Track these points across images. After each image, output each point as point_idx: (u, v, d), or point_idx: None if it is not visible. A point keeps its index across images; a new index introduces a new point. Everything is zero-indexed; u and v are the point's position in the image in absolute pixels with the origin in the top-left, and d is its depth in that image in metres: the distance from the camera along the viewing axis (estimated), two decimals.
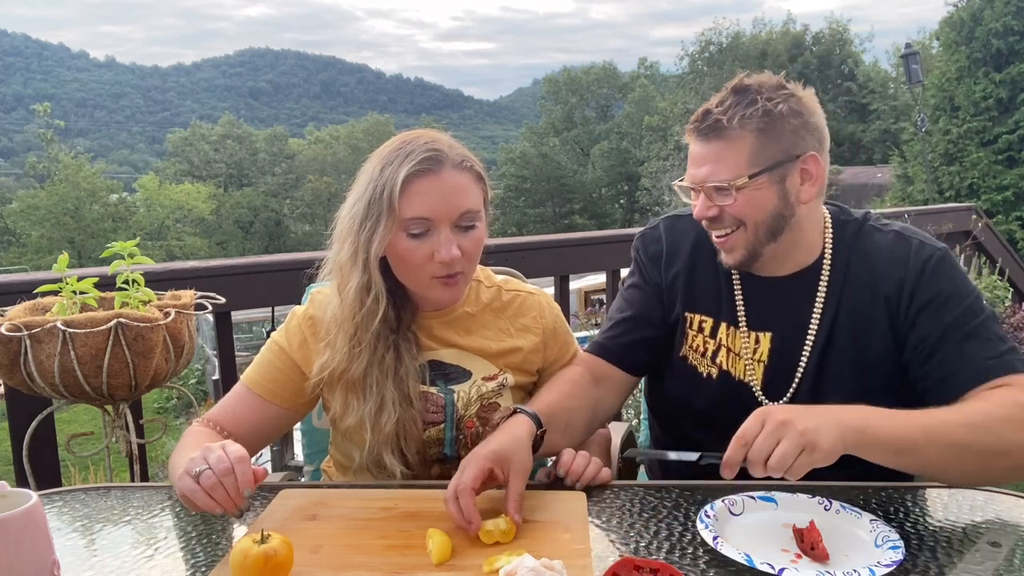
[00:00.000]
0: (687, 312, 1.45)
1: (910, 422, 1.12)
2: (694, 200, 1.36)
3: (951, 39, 18.81)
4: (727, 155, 1.28)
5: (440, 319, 1.41)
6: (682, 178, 1.38)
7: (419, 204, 1.25)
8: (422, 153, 1.26)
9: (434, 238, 1.27)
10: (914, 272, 1.30)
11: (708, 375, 1.42)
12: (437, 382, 1.38)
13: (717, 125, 1.28)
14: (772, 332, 1.38)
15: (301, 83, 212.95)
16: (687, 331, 1.45)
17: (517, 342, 1.44)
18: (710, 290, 1.44)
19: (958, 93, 18.55)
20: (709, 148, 1.30)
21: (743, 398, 1.38)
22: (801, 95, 1.31)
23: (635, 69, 48.51)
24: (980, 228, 4.83)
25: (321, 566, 1.00)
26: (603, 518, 1.15)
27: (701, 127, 1.30)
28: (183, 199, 33.62)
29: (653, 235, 1.53)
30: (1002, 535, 1.06)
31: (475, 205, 1.30)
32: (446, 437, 1.37)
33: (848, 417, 1.09)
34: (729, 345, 1.41)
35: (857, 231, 1.38)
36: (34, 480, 1.78)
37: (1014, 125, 17.93)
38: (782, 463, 1.03)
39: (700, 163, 1.32)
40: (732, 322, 1.41)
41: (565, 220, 39.49)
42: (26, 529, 0.86)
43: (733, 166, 1.28)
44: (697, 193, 1.34)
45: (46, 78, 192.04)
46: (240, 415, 1.36)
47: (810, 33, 35.24)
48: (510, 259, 1.80)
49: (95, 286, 1.73)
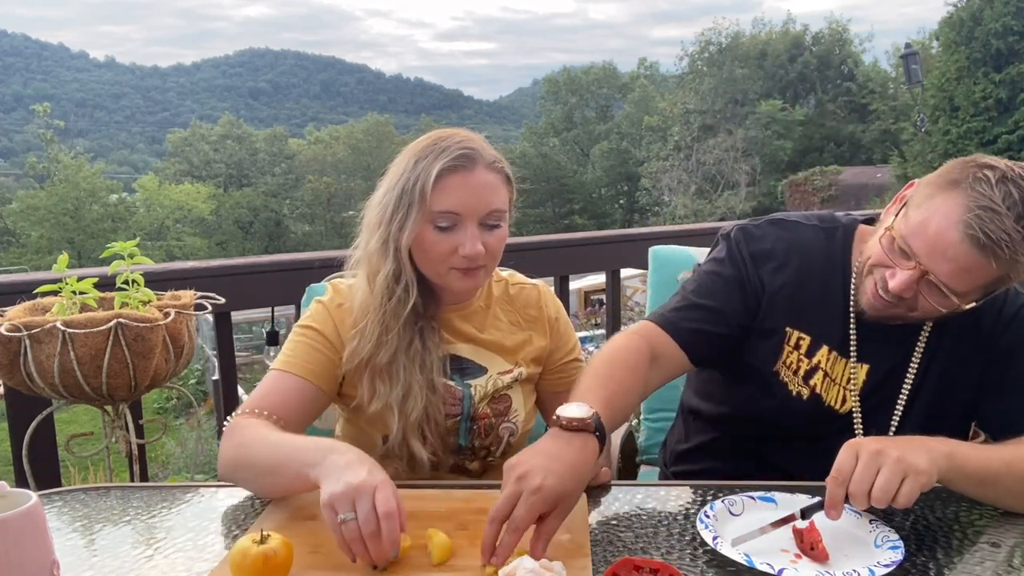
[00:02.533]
0: (789, 327, 1.37)
1: (990, 453, 1.13)
2: (895, 263, 1.20)
3: (951, 39, 18.82)
4: (977, 272, 1.14)
5: (458, 313, 1.44)
6: (894, 221, 1.21)
7: (450, 198, 1.29)
8: (457, 150, 1.31)
9: (460, 233, 1.30)
10: (1008, 315, 1.30)
11: (798, 394, 1.36)
12: (454, 376, 1.41)
13: (996, 248, 1.11)
14: (871, 365, 1.34)
15: (301, 83, 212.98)
16: (784, 346, 1.37)
17: (528, 334, 1.47)
18: (818, 309, 1.36)
19: (958, 93, 18.56)
20: (970, 256, 1.12)
21: (833, 425, 1.35)
22: None
23: (635, 69, 48.54)
24: None
25: (321, 566, 1.00)
26: (603, 518, 1.15)
27: (982, 241, 1.11)
28: (183, 199, 33.61)
29: (758, 233, 1.41)
30: (1002, 535, 1.06)
31: (502, 205, 1.34)
32: (461, 428, 1.40)
33: (935, 445, 1.07)
34: (827, 369, 1.35)
35: None
36: (34, 480, 1.78)
37: (1014, 125, 17.94)
38: (887, 492, 0.99)
39: (955, 266, 1.14)
40: (838, 348, 1.35)
41: (565, 220, 39.50)
42: (26, 529, 0.86)
43: (973, 283, 1.16)
44: (910, 261, 1.18)
45: (46, 78, 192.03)
46: (284, 399, 1.31)
47: (810, 33, 35.26)
48: (510, 259, 1.80)
49: (95, 286, 1.73)
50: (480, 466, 1.45)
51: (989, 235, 1.11)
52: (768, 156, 30.68)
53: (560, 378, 1.50)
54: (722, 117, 31.97)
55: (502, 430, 1.43)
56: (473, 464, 1.44)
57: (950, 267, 1.15)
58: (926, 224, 1.16)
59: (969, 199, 1.13)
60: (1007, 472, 1.11)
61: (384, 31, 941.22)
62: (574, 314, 8.28)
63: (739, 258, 1.39)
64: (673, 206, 31.17)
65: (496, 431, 1.42)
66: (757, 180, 30.13)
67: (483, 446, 1.43)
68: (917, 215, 1.18)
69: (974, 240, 1.12)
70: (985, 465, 1.10)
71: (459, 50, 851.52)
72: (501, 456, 1.44)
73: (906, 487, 0.99)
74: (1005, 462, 1.12)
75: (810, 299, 1.36)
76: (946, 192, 1.16)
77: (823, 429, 1.36)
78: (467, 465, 1.44)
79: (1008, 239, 1.11)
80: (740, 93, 32.24)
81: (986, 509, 1.14)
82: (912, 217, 1.19)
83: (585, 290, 13.69)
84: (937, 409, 1.33)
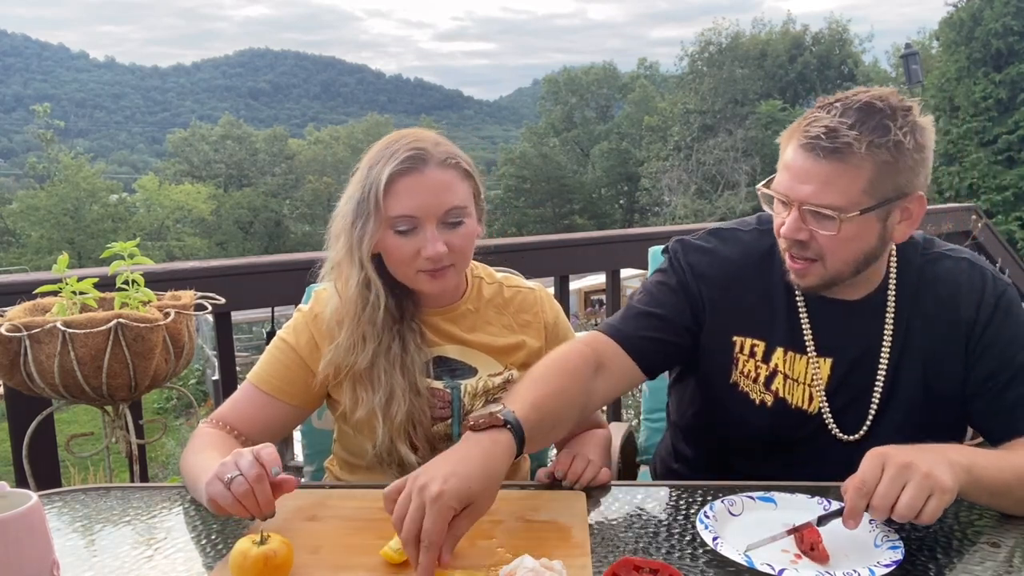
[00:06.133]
0: (736, 336, 1.35)
1: (1002, 463, 1.11)
2: (779, 212, 1.25)
3: (951, 39, 18.82)
4: (842, 180, 1.16)
5: (444, 315, 1.43)
6: (768, 181, 1.26)
7: (403, 202, 1.29)
8: (405, 152, 1.30)
9: (420, 235, 1.30)
10: (989, 305, 1.28)
11: (762, 402, 1.34)
12: (443, 377, 1.40)
13: (844, 147, 1.14)
14: (834, 358, 1.31)
15: (301, 83, 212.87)
16: (737, 356, 1.35)
17: (520, 337, 1.45)
18: (762, 312, 1.34)
19: (958, 93, 18.56)
20: (821, 166, 1.16)
21: (802, 427, 1.32)
22: (924, 124, 1.19)
23: (635, 69, 48.48)
24: (980, 228, 4.83)
25: (321, 567, 1.00)
26: (603, 518, 1.15)
27: (822, 143, 1.15)
28: (183, 199, 33.59)
29: (696, 244, 1.41)
30: (1002, 535, 1.06)
31: (461, 202, 1.32)
32: (453, 432, 1.39)
33: (956, 457, 1.04)
34: (786, 371, 1.32)
35: (923, 254, 1.33)
36: (34, 480, 1.78)
37: (1014, 125, 17.94)
38: (911, 510, 0.96)
39: (805, 179, 1.18)
40: (793, 347, 1.32)
41: (565, 220, 39.47)
42: (26, 529, 0.86)
43: (846, 193, 1.16)
44: (787, 208, 1.22)
45: (46, 78, 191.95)
46: (249, 413, 1.36)
47: (810, 33, 35.22)
48: (510, 259, 1.80)
49: (95, 286, 1.73)
50: None
51: (820, 138, 1.15)
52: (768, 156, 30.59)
53: None
54: (722, 117, 31.92)
55: None
56: None
57: (812, 186, 1.17)
58: (781, 168, 1.23)
59: (798, 127, 1.21)
60: (1018, 484, 1.09)
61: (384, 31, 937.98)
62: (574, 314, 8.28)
63: (680, 268, 1.39)
64: (673, 206, 31.16)
65: None
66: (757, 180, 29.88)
67: None
68: (778, 169, 1.25)
69: (811, 148, 1.17)
70: (999, 476, 1.08)
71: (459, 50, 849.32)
72: None
73: (931, 505, 0.97)
74: (1017, 474, 1.10)
75: (754, 303, 1.35)
76: (787, 137, 1.24)
77: (797, 434, 1.33)
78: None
79: (838, 133, 1.15)
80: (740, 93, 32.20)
81: (986, 509, 1.14)
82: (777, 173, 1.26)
83: (585, 290, 13.68)
84: (919, 403, 1.29)
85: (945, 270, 1.31)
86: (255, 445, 1.34)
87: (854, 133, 1.14)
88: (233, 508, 1.03)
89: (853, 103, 1.18)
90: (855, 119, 1.15)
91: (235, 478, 1.03)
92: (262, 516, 1.05)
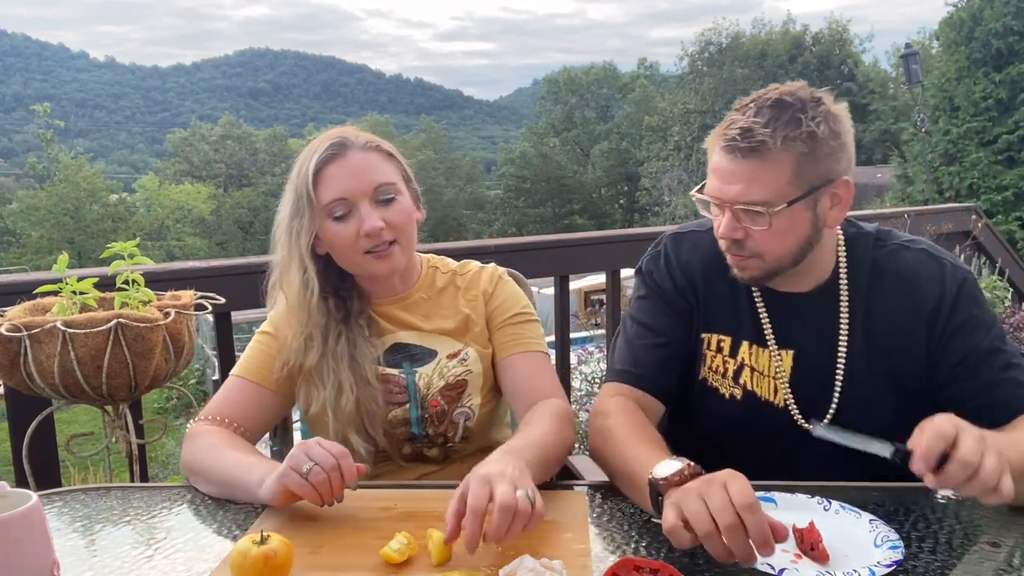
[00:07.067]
0: (704, 333, 1.40)
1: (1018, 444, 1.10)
2: (715, 215, 1.29)
3: (951, 39, 18.82)
4: (764, 176, 1.20)
5: (398, 304, 1.47)
6: (701, 187, 1.29)
7: (333, 187, 1.35)
8: (327, 143, 1.37)
9: (357, 216, 1.35)
10: (951, 293, 1.29)
11: (731, 396, 1.37)
12: (403, 364, 1.44)
13: (759, 145, 1.19)
14: (795, 350, 1.34)
15: (301, 83, 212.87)
16: (705, 353, 1.40)
17: (467, 312, 1.48)
18: (726, 308, 1.38)
19: (958, 93, 18.56)
20: (743, 166, 1.21)
21: (772, 420, 1.34)
22: (837, 112, 1.24)
23: (635, 69, 48.51)
24: (980, 228, 4.83)
25: (321, 567, 1.01)
26: (603, 518, 1.15)
27: (740, 144, 1.20)
28: (183, 199, 33.61)
29: (662, 254, 1.45)
30: (1002, 535, 1.06)
31: (388, 179, 1.38)
32: (412, 416, 1.42)
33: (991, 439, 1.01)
34: (753, 364, 1.36)
35: (876, 246, 1.35)
36: (34, 480, 1.78)
37: (1014, 125, 17.94)
38: (992, 479, 0.95)
39: (731, 180, 1.23)
40: (756, 340, 1.36)
41: (565, 220, 39.48)
42: (26, 529, 0.86)
43: (771, 188, 1.20)
44: (721, 209, 1.26)
45: (46, 78, 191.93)
46: (241, 405, 1.39)
47: (810, 33, 35.25)
48: (510, 259, 1.80)
49: (95, 286, 1.72)
50: (440, 452, 1.46)
51: (737, 139, 1.20)
52: None
53: (506, 341, 1.47)
54: (722, 117, 31.81)
55: (456, 416, 1.44)
56: (432, 451, 1.46)
57: (738, 186, 1.22)
58: (710, 172, 1.28)
59: (719, 131, 1.26)
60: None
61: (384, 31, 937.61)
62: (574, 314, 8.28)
63: (660, 287, 1.42)
64: (673, 206, 31.15)
65: (450, 417, 1.43)
66: None
67: (438, 433, 1.44)
68: (708, 174, 1.29)
69: (731, 150, 1.22)
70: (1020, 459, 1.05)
71: (459, 50, 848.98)
72: (461, 442, 1.45)
73: (1006, 482, 0.96)
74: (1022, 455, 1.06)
75: (719, 300, 1.39)
76: (712, 142, 1.27)
77: (768, 427, 1.34)
78: (426, 452, 1.46)
79: (753, 132, 1.19)
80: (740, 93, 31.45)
81: (986, 509, 1.14)
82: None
83: (585, 290, 13.67)
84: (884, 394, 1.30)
85: (904, 261, 1.33)
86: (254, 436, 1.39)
87: (768, 130, 1.20)
88: (310, 496, 1.09)
89: (764, 102, 1.23)
90: (768, 117, 1.21)
91: (312, 468, 1.08)
92: (333, 502, 1.12)
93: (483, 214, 42.49)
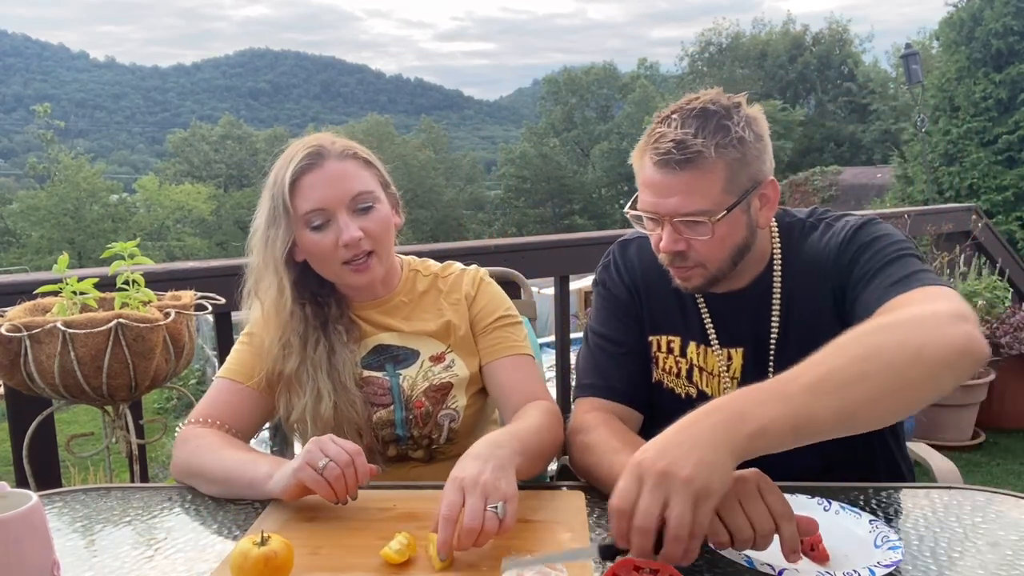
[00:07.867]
0: (652, 336, 1.41)
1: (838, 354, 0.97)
2: (651, 230, 1.29)
3: (951, 39, 18.80)
4: (701, 186, 1.21)
5: (378, 308, 1.47)
6: (633, 202, 1.29)
7: (310, 197, 1.34)
8: (303, 152, 1.36)
9: (335, 226, 1.34)
10: (845, 241, 1.28)
11: (687, 395, 1.39)
12: (386, 366, 1.44)
13: (696, 155, 1.19)
14: (744, 347, 1.35)
15: (301, 83, 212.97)
16: (656, 355, 1.41)
17: (449, 316, 1.47)
18: (672, 309, 1.40)
19: (958, 93, 18.54)
20: (680, 177, 1.21)
21: None
22: (755, 115, 1.26)
23: (635, 69, 48.49)
24: (980, 228, 4.83)
25: (321, 567, 1.00)
26: (603, 518, 1.15)
27: (676, 157, 1.20)
28: (183, 199, 33.61)
29: (612, 262, 1.48)
30: (1002, 535, 1.06)
31: (366, 187, 1.37)
32: (396, 418, 1.42)
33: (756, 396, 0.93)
34: (701, 364, 1.38)
35: (803, 230, 1.36)
36: (34, 480, 1.78)
37: (1014, 125, 17.92)
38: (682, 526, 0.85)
39: (667, 193, 1.22)
40: (702, 341, 1.37)
41: (565, 220, 39.48)
42: (26, 530, 0.86)
43: (708, 197, 1.21)
44: (658, 224, 1.26)
45: (46, 78, 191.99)
46: (230, 407, 1.40)
47: (810, 33, 35.26)
48: (510, 259, 1.80)
49: (95, 286, 1.73)
50: (425, 454, 1.46)
51: (672, 152, 1.20)
52: None
53: (491, 345, 1.46)
54: None
55: (441, 417, 1.43)
56: (417, 453, 1.46)
57: (677, 198, 1.22)
58: (642, 187, 1.27)
59: (646, 144, 1.26)
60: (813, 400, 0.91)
61: (384, 31, 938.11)
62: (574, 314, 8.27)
63: (610, 295, 1.45)
64: None
65: (435, 419, 1.43)
66: None
67: (423, 435, 1.44)
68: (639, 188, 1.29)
69: (665, 164, 1.21)
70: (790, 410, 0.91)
71: (459, 50, 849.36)
72: (446, 444, 1.45)
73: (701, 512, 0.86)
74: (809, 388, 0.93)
75: (661, 303, 1.40)
76: (639, 156, 1.28)
77: None
78: (411, 454, 1.46)
79: (686, 144, 1.19)
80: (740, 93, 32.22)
81: (987, 509, 1.14)
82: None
83: (585, 290, 13.66)
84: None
85: (810, 241, 1.34)
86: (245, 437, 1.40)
87: (700, 140, 1.20)
88: (324, 492, 1.10)
89: (689, 112, 1.23)
90: (696, 126, 1.21)
91: (327, 464, 1.09)
92: (347, 500, 1.12)
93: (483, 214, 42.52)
